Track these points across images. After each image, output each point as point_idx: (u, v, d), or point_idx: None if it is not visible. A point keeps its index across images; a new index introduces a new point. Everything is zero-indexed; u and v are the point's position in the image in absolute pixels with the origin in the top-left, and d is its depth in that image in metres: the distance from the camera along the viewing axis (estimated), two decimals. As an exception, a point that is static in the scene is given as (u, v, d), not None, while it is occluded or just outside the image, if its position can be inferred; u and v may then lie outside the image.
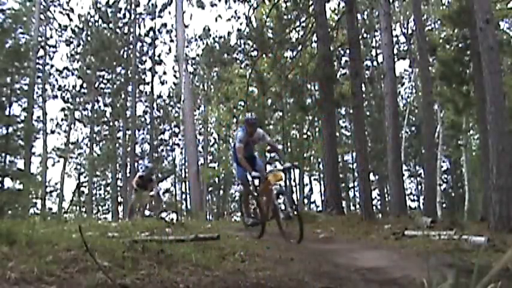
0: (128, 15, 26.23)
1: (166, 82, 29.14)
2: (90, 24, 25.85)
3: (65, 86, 27.16)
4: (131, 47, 26.19)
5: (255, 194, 6.61)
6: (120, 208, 25.31)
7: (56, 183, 28.12)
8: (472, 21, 9.16)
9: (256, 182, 6.55)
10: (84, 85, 26.84)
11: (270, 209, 6.29)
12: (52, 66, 27.33)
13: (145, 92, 28.15)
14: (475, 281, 1.13)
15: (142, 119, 28.64)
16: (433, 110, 15.40)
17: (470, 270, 1.19)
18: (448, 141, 24.02)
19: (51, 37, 27.31)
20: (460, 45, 12.68)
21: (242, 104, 17.07)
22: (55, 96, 27.11)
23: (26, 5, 25.10)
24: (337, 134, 21.47)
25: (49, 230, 4.27)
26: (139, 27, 26.59)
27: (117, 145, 26.54)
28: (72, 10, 26.54)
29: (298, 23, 14.07)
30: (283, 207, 6.09)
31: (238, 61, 15.97)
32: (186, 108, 21.19)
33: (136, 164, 25.73)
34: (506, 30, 18.09)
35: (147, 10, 26.62)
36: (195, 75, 29.00)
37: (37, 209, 22.63)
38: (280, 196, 6.20)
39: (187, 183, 25.27)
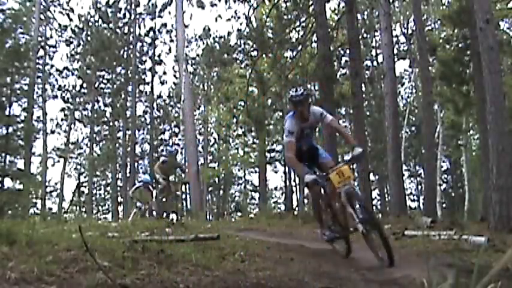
0: (127, 15, 26.24)
1: (166, 82, 29.24)
2: (90, 24, 25.86)
3: (65, 86, 27.22)
4: (131, 47, 26.19)
5: (326, 199, 4.87)
6: (120, 208, 25.33)
7: (56, 183, 28.17)
8: (472, 21, 9.17)
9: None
10: (84, 85, 26.86)
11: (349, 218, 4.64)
12: (52, 66, 27.37)
13: (145, 92, 28.17)
14: (475, 281, 1.13)
15: (142, 119, 28.66)
16: (433, 110, 15.42)
17: (470, 270, 1.19)
18: (448, 141, 24.03)
19: (51, 37, 27.37)
20: (460, 45, 12.70)
21: (242, 104, 17.07)
22: (55, 96, 27.15)
23: (26, 5, 25.10)
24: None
25: (49, 230, 4.28)
26: (139, 27, 26.62)
27: (117, 145, 26.54)
28: (72, 10, 26.59)
29: (298, 23, 14.07)
30: (358, 215, 4.42)
31: (238, 61, 15.97)
32: (186, 108, 21.18)
33: (136, 164, 25.77)
34: (506, 30, 18.11)
35: (147, 10, 26.62)
36: (195, 75, 29.00)
37: (37, 209, 22.64)
38: (353, 201, 4.48)
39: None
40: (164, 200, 10.17)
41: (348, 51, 12.42)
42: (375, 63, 26.22)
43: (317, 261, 4.49)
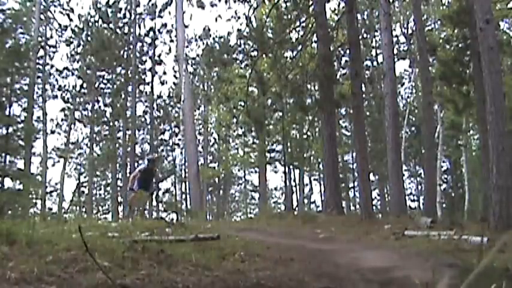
0: (128, 15, 26.21)
1: (166, 82, 29.13)
2: (90, 24, 25.84)
3: (65, 86, 27.18)
4: (131, 47, 26.16)
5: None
6: (120, 208, 25.32)
7: (56, 183, 28.16)
8: (472, 21, 9.17)
9: None
10: (84, 85, 26.83)
11: None
12: (52, 66, 27.33)
13: (145, 92, 28.13)
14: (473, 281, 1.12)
15: (142, 119, 28.63)
16: (433, 110, 15.40)
17: (470, 270, 1.19)
18: (448, 141, 24.01)
19: (51, 37, 27.34)
20: (460, 45, 12.66)
21: (242, 104, 17.06)
22: (55, 96, 27.12)
23: (26, 5, 25.10)
24: (337, 134, 21.47)
25: (49, 230, 4.27)
26: (139, 27, 26.58)
27: (117, 145, 26.52)
28: (72, 10, 26.56)
29: (298, 23, 14.06)
30: None
31: (238, 61, 15.97)
32: (186, 108, 21.18)
33: (136, 164, 25.72)
34: (506, 30, 18.11)
35: (147, 10, 26.60)
36: (195, 75, 28.98)
37: (37, 209, 22.61)
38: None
39: (187, 183, 25.27)
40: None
41: (348, 51, 12.41)
42: (374, 63, 26.20)
43: (317, 261, 4.49)
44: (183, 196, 28.51)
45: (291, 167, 23.85)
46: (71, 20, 26.51)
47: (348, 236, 7.76)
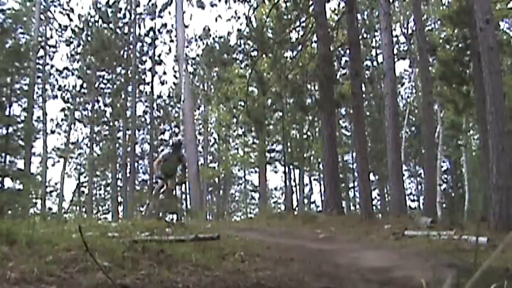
0: (128, 15, 26.21)
1: (166, 82, 29.16)
2: (90, 24, 25.84)
3: (65, 86, 27.18)
4: (131, 47, 26.16)
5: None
6: (120, 208, 25.32)
7: (56, 183, 28.16)
8: (472, 21, 9.17)
9: None
10: (84, 85, 26.83)
11: None
12: (52, 66, 27.34)
13: (145, 92, 28.13)
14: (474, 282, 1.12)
15: (143, 119, 28.63)
16: (433, 110, 15.40)
17: (470, 270, 1.19)
18: (448, 141, 23.99)
19: (51, 37, 27.35)
20: (460, 45, 12.66)
21: (242, 104, 17.06)
22: (55, 96, 27.12)
23: (26, 5, 25.11)
24: (337, 134, 21.46)
25: (49, 230, 4.27)
26: (139, 27, 26.58)
27: (117, 145, 26.52)
28: (72, 10, 26.55)
29: (298, 23, 14.06)
30: None
31: (238, 61, 15.96)
32: (186, 108, 21.18)
33: (136, 164, 25.75)
34: (506, 30, 18.12)
35: (147, 10, 26.60)
36: (195, 75, 28.98)
37: (37, 209, 22.60)
38: None
39: (187, 183, 25.28)
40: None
41: (348, 51, 12.42)
42: (374, 63, 26.20)
43: (317, 261, 4.49)
44: (183, 196, 28.52)
45: (291, 167, 23.84)
46: (71, 20, 26.52)
47: (348, 236, 7.76)
